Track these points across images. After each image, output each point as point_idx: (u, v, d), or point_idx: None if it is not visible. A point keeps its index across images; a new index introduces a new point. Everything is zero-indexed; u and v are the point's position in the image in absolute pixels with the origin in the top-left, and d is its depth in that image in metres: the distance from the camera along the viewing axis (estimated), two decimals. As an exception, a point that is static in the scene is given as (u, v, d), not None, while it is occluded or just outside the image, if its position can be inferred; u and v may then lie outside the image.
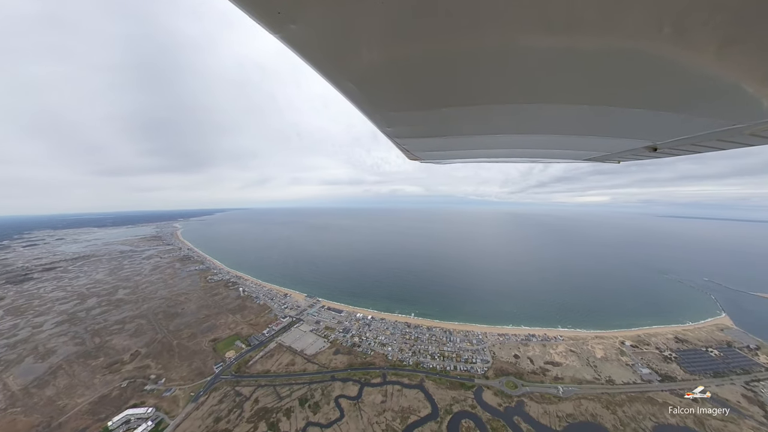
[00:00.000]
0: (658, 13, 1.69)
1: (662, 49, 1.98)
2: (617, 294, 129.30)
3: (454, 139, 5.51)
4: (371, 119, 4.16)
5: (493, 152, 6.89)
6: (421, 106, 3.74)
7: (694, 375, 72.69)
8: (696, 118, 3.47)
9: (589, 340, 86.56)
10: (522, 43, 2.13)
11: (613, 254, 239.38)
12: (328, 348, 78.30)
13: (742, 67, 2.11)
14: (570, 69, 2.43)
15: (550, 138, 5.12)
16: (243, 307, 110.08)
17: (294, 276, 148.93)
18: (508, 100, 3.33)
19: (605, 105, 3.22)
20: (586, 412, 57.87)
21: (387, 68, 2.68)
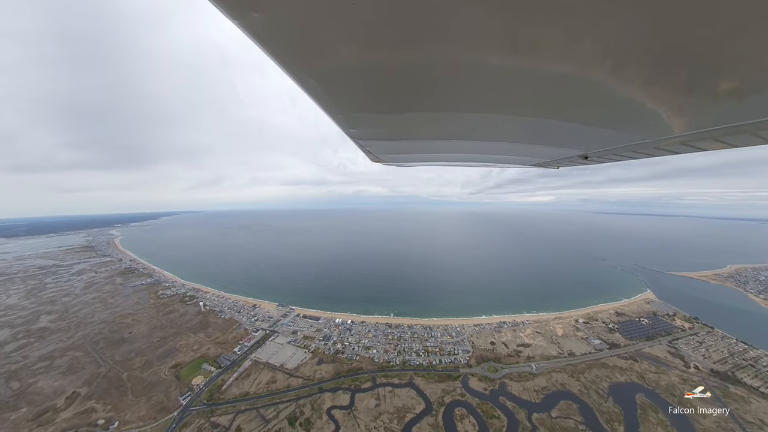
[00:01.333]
0: (603, 52, 2.15)
1: (598, 78, 2.52)
2: (567, 279, 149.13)
3: (416, 143, 5.72)
4: (334, 119, 4.12)
5: (452, 156, 7.28)
6: (385, 109, 3.80)
7: (632, 340, 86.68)
8: (616, 134, 4.41)
9: (550, 322, 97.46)
10: (481, 61, 2.43)
11: (560, 246, 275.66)
12: (310, 359, 74.98)
13: (650, 98, 2.83)
14: (522, 86, 2.84)
15: (502, 145, 5.77)
16: (206, 323, 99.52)
17: (261, 284, 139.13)
18: (466, 108, 3.63)
19: (548, 119, 3.84)
20: (557, 383, 65.35)
21: (352, 69, 2.67)
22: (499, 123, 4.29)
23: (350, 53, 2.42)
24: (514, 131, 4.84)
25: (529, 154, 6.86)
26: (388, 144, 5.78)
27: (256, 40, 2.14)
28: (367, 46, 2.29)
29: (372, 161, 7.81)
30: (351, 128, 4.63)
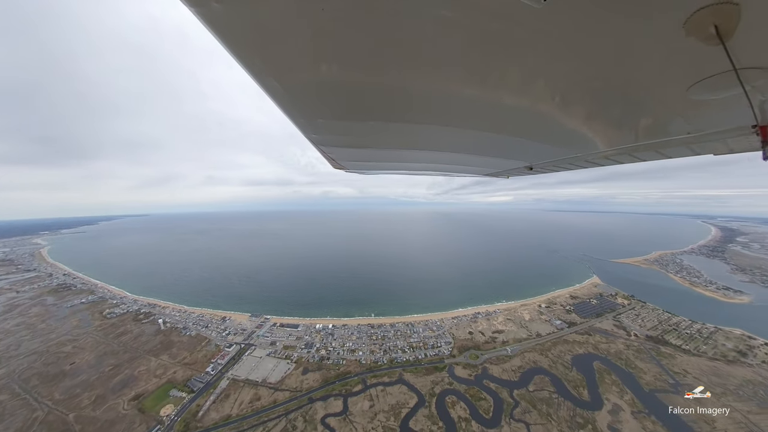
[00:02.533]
0: (544, 87, 2.84)
1: (540, 106, 3.21)
2: (528, 270, 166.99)
3: (379, 151, 5.93)
4: (296, 123, 4.09)
5: (413, 165, 7.68)
6: (350, 117, 3.89)
7: (586, 318, 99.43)
8: (555, 149, 5.31)
9: (518, 309, 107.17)
10: (441, 81, 2.81)
11: (520, 241, 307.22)
12: (294, 369, 72.31)
13: (579, 124, 3.80)
14: (477, 106, 3.32)
15: (459, 156, 6.30)
16: (168, 343, 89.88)
17: (229, 294, 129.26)
18: (427, 121, 3.96)
19: (499, 135, 4.46)
20: (530, 361, 72.61)
21: (319, 74, 2.71)
22: (457, 136, 4.65)
23: (317, 58, 2.42)
24: (471, 144, 5.30)
25: (483, 165, 7.57)
26: (351, 151, 5.81)
27: (215, 31, 2.06)
28: (334, 54, 2.32)
29: (334, 168, 7.74)
30: (313, 134, 4.61)
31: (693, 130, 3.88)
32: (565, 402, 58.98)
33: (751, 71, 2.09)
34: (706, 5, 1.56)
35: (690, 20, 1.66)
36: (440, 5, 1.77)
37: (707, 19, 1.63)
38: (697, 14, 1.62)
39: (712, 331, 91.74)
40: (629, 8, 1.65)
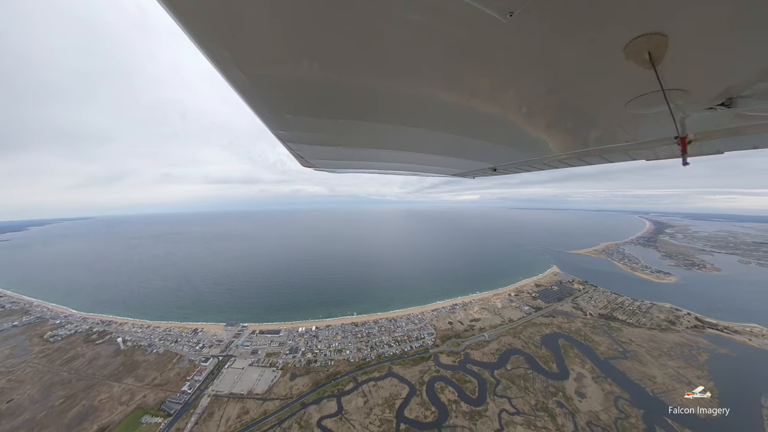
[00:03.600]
0: (514, 98, 3.32)
1: (508, 114, 3.64)
2: (497, 263, 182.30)
3: (349, 150, 5.91)
4: (262, 118, 3.90)
5: (383, 164, 7.79)
6: (320, 114, 3.82)
7: (549, 303, 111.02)
8: (516, 152, 5.91)
9: (491, 298, 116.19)
10: (412, 84, 3.01)
11: (487, 236, 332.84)
12: (281, 376, 70.70)
13: (536, 131, 4.50)
14: (446, 110, 3.56)
15: (427, 156, 6.52)
16: (132, 365, 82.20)
17: (198, 304, 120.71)
18: (399, 121, 4.05)
19: (466, 137, 4.75)
20: (506, 344, 79.89)
21: (290, 66, 2.61)
22: (427, 137, 4.80)
23: (288, 50, 2.32)
24: (440, 145, 5.55)
25: (451, 165, 7.91)
26: (321, 149, 5.71)
27: (172, 11, 1.85)
28: (307, 48, 2.28)
29: (303, 166, 7.59)
30: (281, 130, 4.49)
31: (630, 139, 4.59)
32: (538, 376, 66.51)
33: (674, 92, 2.55)
34: (641, 35, 1.88)
35: (629, 46, 1.99)
36: (412, 9, 1.87)
37: (642, 46, 1.97)
38: (635, 41, 1.94)
39: (648, 306, 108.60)
40: (581, 31, 1.95)
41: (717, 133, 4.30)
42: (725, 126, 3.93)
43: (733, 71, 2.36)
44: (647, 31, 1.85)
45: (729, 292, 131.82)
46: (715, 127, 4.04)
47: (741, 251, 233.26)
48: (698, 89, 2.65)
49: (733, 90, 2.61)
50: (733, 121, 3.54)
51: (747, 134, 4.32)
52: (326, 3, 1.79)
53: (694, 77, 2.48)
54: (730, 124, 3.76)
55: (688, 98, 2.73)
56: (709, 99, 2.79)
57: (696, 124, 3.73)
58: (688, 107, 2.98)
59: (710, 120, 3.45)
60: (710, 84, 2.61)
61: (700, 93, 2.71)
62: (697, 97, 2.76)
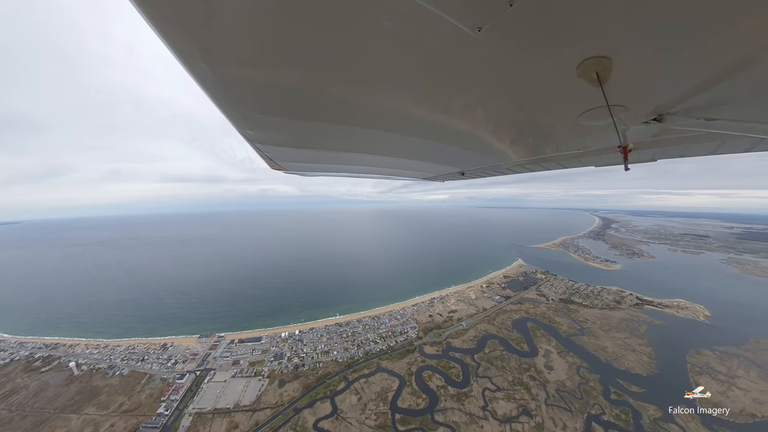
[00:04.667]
0: (481, 108, 3.70)
1: (475, 123, 4.16)
2: (468, 258, 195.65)
3: (321, 153, 5.93)
4: (229, 117, 3.65)
5: (354, 168, 7.79)
6: (292, 114, 3.74)
7: (517, 291, 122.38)
8: (482, 158, 6.58)
9: (465, 290, 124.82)
10: (387, 92, 3.15)
11: (458, 233, 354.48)
12: (269, 385, 69.59)
13: (499, 141, 5.19)
14: (418, 115, 3.82)
15: (399, 160, 6.84)
16: (92, 391, 74.49)
17: (164, 316, 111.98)
18: (373, 126, 4.26)
19: (437, 143, 5.26)
20: (482, 330, 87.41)
21: (262, 66, 2.55)
22: (399, 142, 5.04)
23: (261, 46, 2.27)
24: (411, 150, 5.83)
25: (422, 169, 8.21)
26: (292, 151, 5.61)
27: (137, 5, 1.73)
28: (281, 45, 2.23)
29: (272, 168, 7.34)
30: (249, 130, 4.27)
31: (581, 147, 5.16)
32: (512, 356, 74.40)
33: (617, 107, 2.98)
34: (590, 57, 2.20)
35: (580, 66, 2.31)
36: (386, 17, 1.92)
37: (591, 66, 2.29)
38: (585, 62, 2.27)
39: (599, 290, 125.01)
40: (541, 50, 2.23)
41: (651, 143, 4.95)
42: (657, 137, 4.54)
43: (662, 92, 2.83)
44: (596, 53, 2.14)
45: (661, 275, 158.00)
46: (649, 139, 4.63)
47: (670, 241, 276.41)
48: (636, 106, 3.06)
49: (663, 108, 3.07)
50: (664, 133, 4.08)
51: (674, 145, 5.12)
52: (301, 5, 1.82)
53: (633, 95, 2.88)
54: (661, 136, 4.31)
55: (628, 113, 3.16)
56: (644, 114, 3.23)
57: (635, 136, 4.26)
58: (628, 121, 3.42)
59: (646, 132, 3.96)
60: (646, 102, 3.04)
61: (638, 109, 3.13)
62: (636, 113, 3.19)
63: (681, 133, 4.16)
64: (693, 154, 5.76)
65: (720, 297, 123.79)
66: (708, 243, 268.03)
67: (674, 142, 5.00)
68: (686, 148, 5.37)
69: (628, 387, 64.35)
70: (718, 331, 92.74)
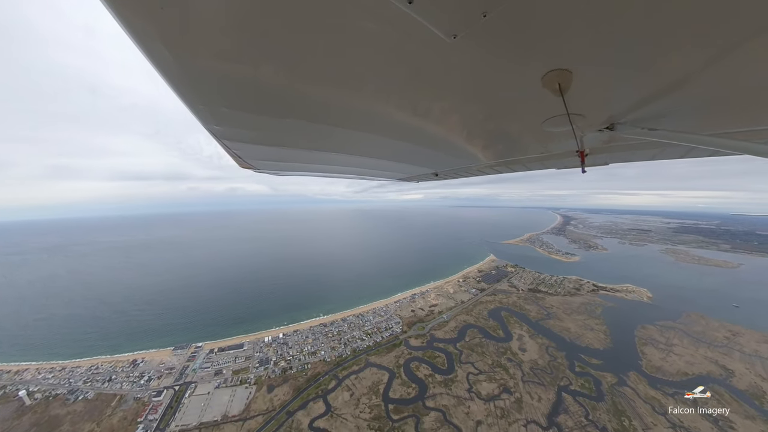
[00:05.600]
0: (455, 113, 3.88)
1: (448, 127, 4.41)
2: (444, 255, 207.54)
3: (294, 152, 5.84)
4: (193, 110, 3.43)
5: (330, 168, 7.85)
6: (264, 110, 3.61)
7: (490, 284, 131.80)
8: (454, 160, 7.10)
9: (443, 285, 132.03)
10: (363, 93, 3.15)
11: (433, 232, 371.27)
12: (257, 391, 68.68)
13: (471, 145, 5.56)
14: (393, 117, 3.87)
15: (374, 161, 7.13)
16: (51, 421, 66.89)
17: (129, 330, 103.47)
18: (347, 125, 4.28)
19: (412, 144, 5.45)
20: (462, 321, 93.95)
21: (232, 54, 2.39)
22: (374, 142, 5.24)
23: (232, 35, 2.14)
24: (386, 151, 6.16)
25: (396, 170, 8.53)
26: (263, 149, 5.46)
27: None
28: (253, 37, 2.14)
29: (241, 167, 7.03)
30: (216, 125, 4.02)
31: (545, 151, 5.79)
32: (490, 342, 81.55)
33: (576, 116, 3.30)
34: (553, 69, 2.43)
35: (545, 77, 2.54)
36: (365, 17, 1.93)
37: (554, 78, 2.53)
38: (549, 74, 2.49)
39: (562, 279, 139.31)
40: (510, 61, 2.43)
41: (604, 149, 5.44)
42: (609, 144, 5.02)
43: (614, 104, 3.30)
44: (558, 66, 2.41)
45: (613, 265, 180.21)
46: (602, 145, 5.09)
47: (620, 235, 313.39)
48: (592, 115, 3.46)
49: (614, 118, 3.53)
50: (614, 140, 4.52)
51: (623, 151, 5.73)
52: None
53: (590, 106, 3.26)
54: (612, 142, 4.79)
55: (585, 121, 3.58)
56: (599, 123, 3.67)
57: (590, 142, 4.67)
58: (585, 128, 3.84)
59: (600, 139, 4.36)
60: (600, 112, 3.46)
61: (594, 118, 3.55)
62: (591, 121, 3.62)
63: (628, 141, 4.54)
64: (638, 159, 6.45)
65: (659, 281, 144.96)
66: (650, 236, 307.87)
67: (623, 149, 5.58)
68: (633, 153, 6.05)
69: (589, 360, 74.08)
70: (658, 309, 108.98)
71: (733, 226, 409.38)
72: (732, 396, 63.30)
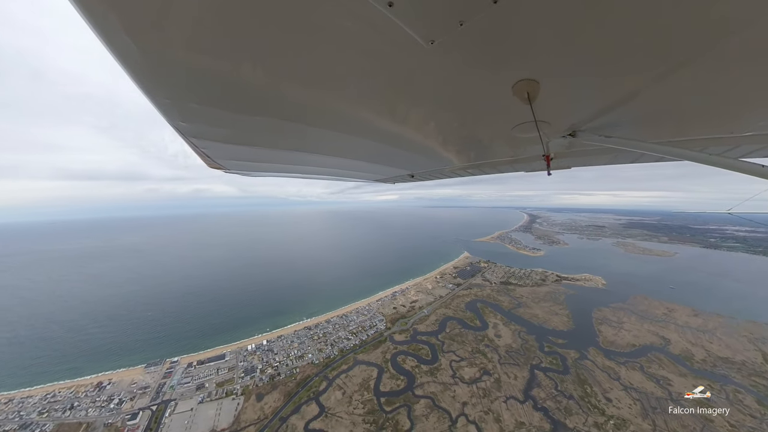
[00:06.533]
0: (430, 116, 3.99)
1: (424, 130, 4.55)
2: (421, 253, 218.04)
3: (266, 152, 5.61)
4: (157, 105, 3.20)
5: (304, 169, 7.71)
6: (236, 107, 3.42)
7: (466, 279, 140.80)
8: (430, 162, 7.43)
9: (422, 282, 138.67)
10: (341, 93, 3.16)
11: (409, 232, 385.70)
12: (245, 402, 67.54)
13: (444, 148, 5.78)
14: (369, 119, 3.96)
15: (351, 162, 7.18)
16: None
17: (91, 350, 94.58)
18: (323, 125, 4.22)
19: (389, 146, 5.53)
20: (441, 314, 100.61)
21: (202, 48, 2.24)
22: (351, 143, 5.23)
23: (204, 25, 2.02)
24: (363, 152, 6.25)
25: (373, 171, 8.87)
26: (234, 149, 5.19)
27: None
28: (227, 29, 2.04)
29: (210, 167, 6.61)
30: (182, 121, 3.75)
31: (514, 155, 6.26)
32: (469, 331, 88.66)
33: (542, 123, 3.58)
34: (522, 79, 2.64)
35: (515, 86, 2.74)
36: (344, 16, 1.93)
37: (523, 87, 2.73)
38: (519, 83, 2.69)
39: (529, 272, 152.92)
40: (484, 69, 2.59)
41: (567, 153, 6.06)
42: (571, 149, 5.59)
43: (576, 114, 3.64)
44: (527, 77, 2.63)
45: (573, 257, 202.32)
46: (565, 150, 5.61)
47: (578, 232, 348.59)
48: (557, 122, 3.80)
49: (576, 126, 3.90)
50: (576, 146, 5.01)
51: (583, 156, 6.44)
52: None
53: (555, 114, 3.55)
54: (573, 148, 5.30)
55: (550, 128, 3.88)
56: (562, 130, 4.03)
57: (555, 147, 5.16)
58: (550, 134, 4.17)
59: (563, 144, 4.78)
60: (564, 120, 3.79)
61: (558, 125, 3.88)
62: (556, 128, 3.95)
63: (588, 147, 4.93)
64: (596, 163, 6.89)
65: (612, 270, 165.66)
66: (604, 231, 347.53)
67: (583, 154, 6.04)
68: (592, 158, 6.54)
69: (556, 341, 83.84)
70: (611, 293, 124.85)
71: (671, 221, 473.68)
72: (669, 359, 76.25)
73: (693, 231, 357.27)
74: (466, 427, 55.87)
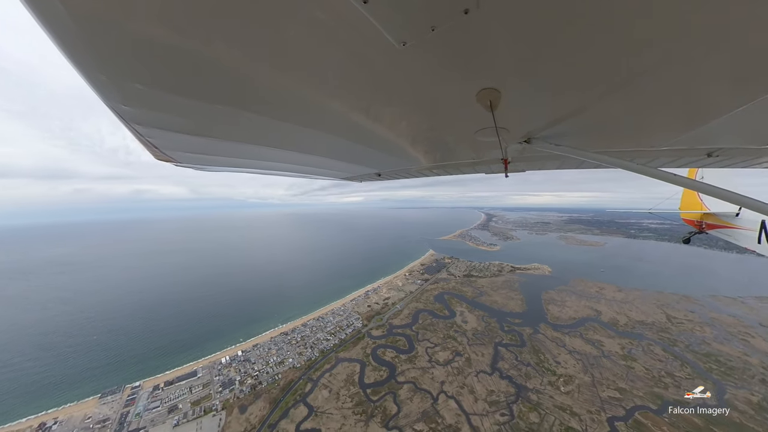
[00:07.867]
0: (397, 116, 4.15)
1: (391, 129, 4.71)
2: (389, 253, 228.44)
3: (224, 144, 5.11)
4: (92, 83, 2.64)
5: (267, 164, 7.29)
6: (190, 92, 2.99)
7: (432, 275, 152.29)
8: (396, 161, 7.61)
9: (392, 280, 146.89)
10: (307, 85, 3.05)
11: (376, 233, 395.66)
12: (227, 416, 65.94)
13: (414, 148, 5.99)
14: (337, 114, 3.88)
15: (317, 158, 6.95)
16: None
17: (21, 387, 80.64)
18: (288, 119, 3.97)
19: (355, 143, 5.60)
20: (413, 308, 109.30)
21: (151, 15, 1.85)
22: (317, 138, 5.11)
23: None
24: (330, 148, 6.17)
25: (339, 168, 8.82)
26: (187, 139, 4.60)
27: None
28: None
29: (157, 158, 5.80)
30: (124, 104, 3.17)
31: (476, 158, 6.68)
32: (439, 320, 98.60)
33: (502, 129, 3.86)
34: (485, 87, 2.84)
35: (478, 94, 2.94)
36: (318, 7, 1.86)
37: (486, 95, 2.94)
38: (483, 91, 2.89)
39: (488, 265, 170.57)
40: (451, 75, 2.76)
41: (522, 158, 6.61)
42: (525, 155, 6.07)
43: (531, 122, 3.99)
44: (489, 86, 2.84)
45: (524, 250, 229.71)
46: (521, 155, 6.03)
47: (528, 228, 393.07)
48: (514, 129, 4.11)
49: (531, 133, 4.27)
50: (530, 152, 5.29)
51: (536, 161, 7.16)
52: None
53: (513, 122, 3.83)
54: (527, 153, 5.70)
55: (508, 134, 4.19)
56: (519, 136, 4.36)
57: (512, 152, 5.56)
58: (508, 140, 4.51)
59: (519, 150, 5.03)
60: (520, 127, 4.12)
61: (515, 132, 4.21)
62: (514, 134, 4.27)
63: (540, 153, 5.34)
64: (546, 168, 8.03)
65: (556, 259, 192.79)
66: (549, 227, 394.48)
67: (536, 159, 6.82)
68: (543, 163, 7.56)
69: (513, 321, 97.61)
70: (555, 278, 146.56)
71: (602, 217, 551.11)
72: (601, 326, 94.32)
73: (618, 225, 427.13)
74: (446, 402, 63.80)
